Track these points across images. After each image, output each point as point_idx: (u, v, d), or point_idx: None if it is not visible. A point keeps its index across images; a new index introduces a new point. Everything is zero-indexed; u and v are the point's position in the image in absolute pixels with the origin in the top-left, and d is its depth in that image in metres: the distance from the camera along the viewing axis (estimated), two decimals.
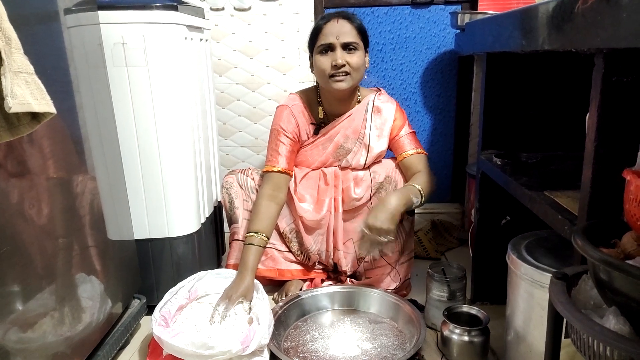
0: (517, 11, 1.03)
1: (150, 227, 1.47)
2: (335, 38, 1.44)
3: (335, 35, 1.44)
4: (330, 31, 1.45)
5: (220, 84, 2.11)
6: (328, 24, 1.46)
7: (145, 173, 1.43)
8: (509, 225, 1.45)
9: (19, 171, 0.89)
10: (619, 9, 0.63)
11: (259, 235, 1.45)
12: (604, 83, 0.76)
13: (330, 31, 1.45)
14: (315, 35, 1.48)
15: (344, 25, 1.45)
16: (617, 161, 0.79)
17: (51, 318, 0.99)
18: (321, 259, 1.68)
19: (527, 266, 1.06)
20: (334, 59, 1.44)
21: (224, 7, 2.02)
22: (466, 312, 1.34)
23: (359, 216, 1.59)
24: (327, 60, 1.46)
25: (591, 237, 0.68)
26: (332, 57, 1.45)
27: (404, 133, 1.57)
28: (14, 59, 0.72)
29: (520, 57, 1.32)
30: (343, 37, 1.44)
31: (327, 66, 1.45)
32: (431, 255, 1.95)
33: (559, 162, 1.32)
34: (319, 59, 1.47)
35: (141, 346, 1.39)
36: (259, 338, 1.20)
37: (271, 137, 1.58)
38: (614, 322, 0.66)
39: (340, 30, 1.44)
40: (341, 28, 1.44)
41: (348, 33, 1.44)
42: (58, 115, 0.81)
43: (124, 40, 1.32)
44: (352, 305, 1.54)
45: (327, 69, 1.45)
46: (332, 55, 1.45)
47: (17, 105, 0.71)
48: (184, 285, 1.39)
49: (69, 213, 1.07)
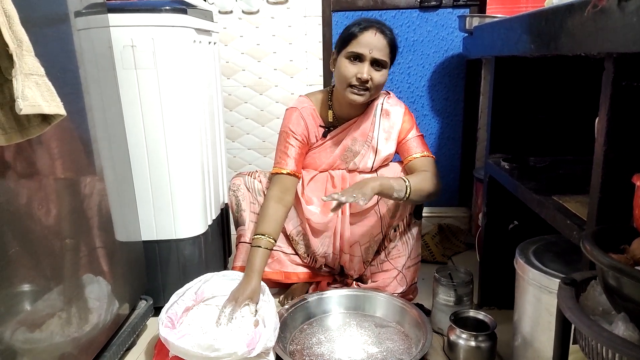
0: (525, 15, 1.03)
1: (157, 228, 1.48)
2: (368, 51, 1.40)
3: (369, 49, 1.40)
4: (365, 42, 1.41)
5: (228, 87, 2.11)
6: (365, 34, 1.41)
7: (153, 175, 1.44)
8: (516, 230, 1.44)
9: (28, 172, 0.90)
10: (629, 14, 0.62)
11: (265, 238, 1.45)
12: (614, 87, 0.76)
13: (365, 42, 1.41)
14: (348, 40, 1.44)
15: (379, 40, 1.41)
16: (626, 166, 0.78)
17: (59, 319, 0.99)
18: (327, 261, 1.68)
19: (535, 271, 1.05)
20: (360, 71, 1.41)
21: (232, 11, 2.04)
22: (473, 317, 1.33)
23: (366, 219, 1.59)
24: (353, 69, 1.43)
25: (600, 242, 0.68)
26: (359, 69, 1.42)
27: (412, 136, 1.56)
28: (25, 61, 0.73)
29: (528, 61, 1.31)
30: (375, 53, 1.41)
31: (351, 75, 1.43)
32: (438, 260, 1.95)
33: (567, 167, 1.31)
34: (345, 64, 1.44)
35: (147, 347, 1.39)
36: (265, 340, 1.20)
37: (280, 139, 1.58)
38: (623, 329, 0.65)
39: (375, 45, 1.40)
40: (377, 42, 1.41)
41: (381, 49, 1.41)
42: (67, 116, 0.82)
43: (134, 42, 1.33)
44: (358, 308, 1.54)
45: (351, 78, 1.43)
46: (359, 67, 1.42)
47: (27, 107, 0.72)
48: (191, 287, 1.39)
49: (77, 214, 1.08)
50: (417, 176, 1.47)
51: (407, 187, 1.42)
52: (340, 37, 1.49)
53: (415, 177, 1.46)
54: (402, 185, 1.42)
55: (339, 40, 1.49)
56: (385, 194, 1.41)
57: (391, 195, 1.41)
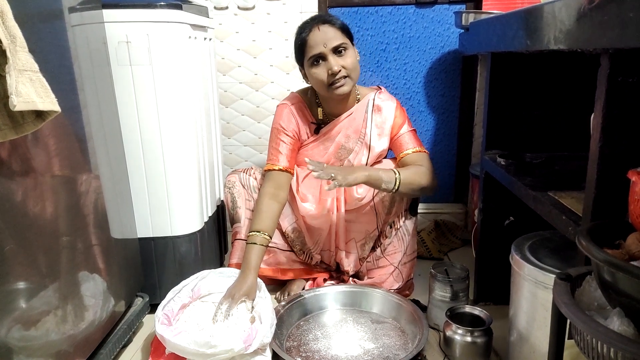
0: (521, 11, 1.03)
1: (153, 225, 1.48)
2: (323, 46, 1.40)
3: (322, 44, 1.40)
4: (315, 41, 1.41)
5: (223, 83, 2.11)
6: (311, 34, 1.41)
7: (149, 171, 1.43)
8: (512, 226, 1.44)
9: (23, 169, 0.90)
10: (625, 9, 0.62)
11: (261, 234, 1.45)
12: (610, 83, 0.76)
13: (315, 41, 1.41)
14: (301, 49, 1.45)
15: (327, 31, 1.41)
16: (622, 162, 0.78)
17: (54, 316, 0.99)
18: (323, 258, 1.68)
19: (530, 267, 1.06)
20: (329, 67, 1.41)
21: (227, 6, 2.03)
22: (469, 313, 1.33)
23: (361, 216, 1.59)
24: (322, 70, 1.42)
25: (595, 238, 0.68)
26: (327, 66, 1.41)
27: (404, 131, 1.56)
28: (19, 57, 0.72)
29: (524, 56, 1.32)
30: (330, 43, 1.40)
31: (323, 76, 1.42)
32: (434, 256, 1.95)
33: (563, 163, 1.32)
34: (313, 71, 1.44)
35: (144, 344, 1.39)
36: (261, 337, 1.20)
37: (272, 135, 1.58)
38: (618, 324, 0.66)
39: (325, 37, 1.40)
40: (325, 35, 1.40)
41: (333, 37, 1.41)
42: (62, 113, 0.81)
43: (128, 38, 1.32)
44: (355, 305, 1.54)
45: (325, 78, 1.42)
46: (326, 64, 1.42)
47: (21, 103, 0.71)
48: (187, 284, 1.39)
49: (72, 211, 1.07)
50: (408, 169, 1.47)
51: (396, 179, 1.42)
52: (295, 52, 1.49)
53: (407, 170, 1.46)
54: (391, 177, 1.41)
55: (296, 55, 1.50)
56: (372, 184, 1.41)
57: (379, 186, 1.41)
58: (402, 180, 1.42)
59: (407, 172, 1.45)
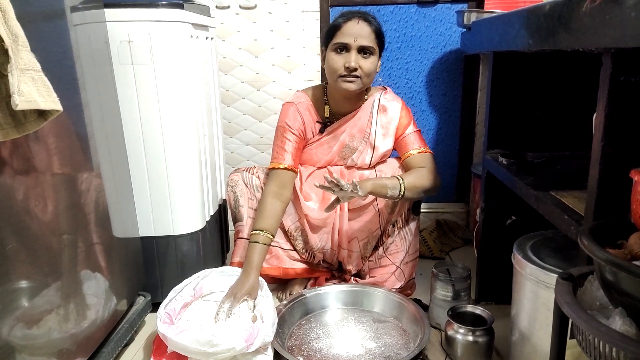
0: (524, 10, 1.03)
1: (155, 224, 1.48)
2: (352, 40, 1.41)
3: (354, 37, 1.41)
4: (349, 31, 1.42)
5: (225, 82, 2.11)
6: (348, 24, 1.42)
7: (151, 170, 1.44)
8: (514, 225, 1.44)
9: (24, 168, 0.90)
10: (628, 9, 0.62)
11: (263, 233, 1.45)
12: (612, 82, 0.76)
13: (349, 31, 1.42)
14: (332, 32, 1.45)
15: (363, 28, 1.42)
16: (624, 161, 0.78)
17: (56, 315, 0.99)
18: (326, 257, 1.68)
19: (532, 266, 1.06)
20: (348, 60, 1.42)
21: (229, 6, 2.03)
22: (471, 312, 1.33)
23: (364, 215, 1.59)
24: (340, 59, 1.43)
25: (597, 237, 0.68)
26: (346, 59, 1.42)
27: (409, 132, 1.56)
28: (21, 57, 0.72)
29: (526, 56, 1.31)
30: (360, 40, 1.41)
31: (339, 66, 1.43)
32: (436, 255, 1.95)
33: (565, 162, 1.32)
34: (332, 56, 1.45)
35: (146, 343, 1.39)
36: (263, 336, 1.20)
37: (277, 134, 1.58)
38: (620, 323, 0.65)
39: (359, 33, 1.41)
40: (360, 30, 1.41)
41: (366, 37, 1.42)
42: (64, 112, 0.81)
43: (130, 38, 1.32)
44: (356, 304, 1.54)
45: (339, 68, 1.43)
46: (346, 57, 1.43)
47: (23, 102, 0.71)
48: (189, 283, 1.39)
49: (74, 210, 1.07)
50: (412, 174, 1.48)
51: (401, 185, 1.42)
52: (326, 32, 1.50)
53: (411, 175, 1.47)
54: (396, 184, 1.42)
55: (325, 36, 1.50)
56: (377, 193, 1.42)
57: (385, 194, 1.42)
58: (406, 186, 1.43)
59: (410, 177, 1.46)
